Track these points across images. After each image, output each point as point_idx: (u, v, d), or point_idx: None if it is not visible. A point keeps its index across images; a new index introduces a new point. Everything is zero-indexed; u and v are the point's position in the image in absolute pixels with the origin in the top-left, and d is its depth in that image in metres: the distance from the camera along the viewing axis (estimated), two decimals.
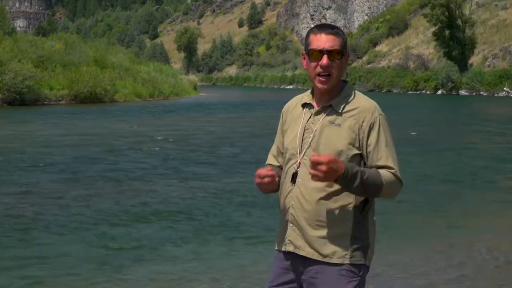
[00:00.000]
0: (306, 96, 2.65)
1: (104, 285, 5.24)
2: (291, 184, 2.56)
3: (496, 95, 48.81)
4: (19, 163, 12.18)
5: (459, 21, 56.55)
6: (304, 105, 2.63)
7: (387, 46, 79.42)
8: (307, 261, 2.53)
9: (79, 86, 34.86)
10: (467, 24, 56.48)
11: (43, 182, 10.11)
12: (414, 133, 18.37)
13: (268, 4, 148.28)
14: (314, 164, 2.33)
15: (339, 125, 2.51)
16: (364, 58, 79.42)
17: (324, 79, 2.50)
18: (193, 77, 78.60)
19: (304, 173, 2.52)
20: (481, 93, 50.26)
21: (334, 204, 2.48)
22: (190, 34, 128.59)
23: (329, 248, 2.49)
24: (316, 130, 2.54)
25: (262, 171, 2.53)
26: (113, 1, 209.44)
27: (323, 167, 2.32)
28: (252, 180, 2.66)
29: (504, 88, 48.79)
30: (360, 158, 2.53)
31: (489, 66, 53.98)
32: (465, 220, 7.81)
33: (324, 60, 2.49)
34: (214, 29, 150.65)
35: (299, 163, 2.54)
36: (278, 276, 2.61)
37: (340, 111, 2.53)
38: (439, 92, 54.29)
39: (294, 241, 2.55)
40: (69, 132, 18.60)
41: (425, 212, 8.24)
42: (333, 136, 2.51)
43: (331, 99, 2.56)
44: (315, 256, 2.51)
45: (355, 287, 2.49)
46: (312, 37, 2.53)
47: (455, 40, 56.02)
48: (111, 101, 37.12)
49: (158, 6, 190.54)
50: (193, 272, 5.58)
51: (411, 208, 8.32)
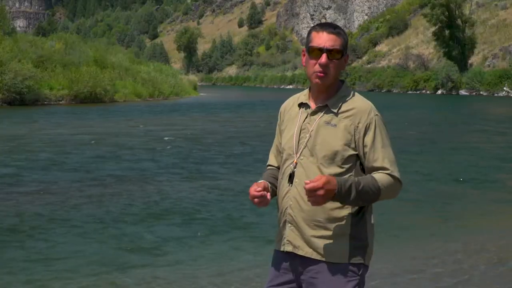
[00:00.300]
0: (303, 96, 2.66)
1: (108, 283, 5.26)
2: (288, 184, 2.56)
3: (496, 95, 48.83)
4: (31, 162, 12.22)
5: (459, 21, 56.59)
6: (301, 105, 2.63)
7: (387, 46, 79.46)
8: (306, 261, 2.53)
9: (79, 86, 34.88)
10: (467, 24, 56.52)
11: (55, 181, 10.15)
12: (414, 133, 18.36)
13: (268, 4, 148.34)
14: (311, 192, 2.34)
15: (335, 125, 2.51)
16: (364, 58, 79.46)
17: (321, 75, 2.51)
18: (193, 77, 78.62)
19: (301, 173, 2.52)
20: (481, 93, 50.28)
21: (332, 204, 2.47)
22: (190, 34, 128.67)
23: (328, 247, 2.49)
24: (312, 130, 2.54)
25: (253, 191, 2.51)
26: (113, 1, 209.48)
27: (321, 192, 2.34)
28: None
29: (504, 88, 48.81)
30: (356, 159, 2.53)
31: (489, 66, 54.00)
32: (467, 219, 7.79)
33: (323, 58, 2.49)
34: (214, 29, 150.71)
35: (296, 163, 2.54)
36: (277, 276, 2.62)
37: (336, 111, 2.53)
38: (439, 92, 54.32)
39: (293, 241, 2.55)
40: (77, 131, 18.63)
41: (426, 212, 8.22)
42: (329, 136, 2.51)
43: (327, 99, 2.57)
44: (314, 256, 2.51)
45: (354, 286, 2.49)
46: (313, 34, 2.54)
47: (455, 40, 56.05)
48: (111, 101, 37.14)
49: (158, 6, 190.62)
50: (199, 271, 5.58)
51: (412, 208, 8.31)
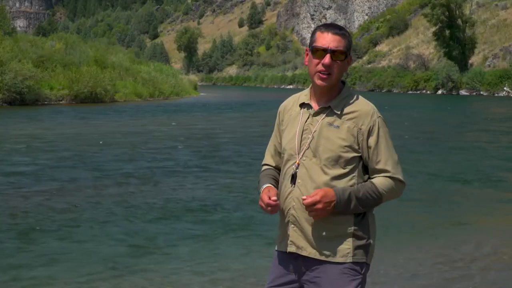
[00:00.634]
0: (304, 96, 2.65)
1: (113, 282, 5.29)
2: (290, 185, 2.56)
3: (496, 95, 48.82)
4: (47, 161, 12.30)
5: (459, 21, 56.58)
6: (302, 105, 2.62)
7: (387, 46, 79.48)
8: (309, 261, 2.54)
9: (79, 86, 34.86)
10: (467, 24, 56.51)
11: (72, 179, 10.24)
12: (415, 133, 18.34)
13: (268, 4, 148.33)
14: (310, 206, 2.40)
15: (338, 127, 2.52)
16: (364, 58, 79.48)
17: (324, 76, 2.50)
18: (193, 77, 78.69)
19: (304, 174, 2.53)
20: (481, 93, 50.28)
21: None
22: (190, 34, 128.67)
23: (331, 247, 2.50)
24: (315, 131, 2.54)
25: (265, 197, 2.53)
26: (113, 1, 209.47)
27: (320, 205, 2.40)
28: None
29: (505, 88, 48.80)
30: (359, 161, 2.54)
31: (489, 66, 54.00)
32: (469, 219, 7.77)
33: (327, 59, 2.49)
34: (214, 29, 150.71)
35: (298, 164, 2.55)
36: (279, 277, 2.62)
37: (339, 112, 2.54)
38: (439, 92, 54.32)
39: (296, 242, 2.56)
40: (85, 131, 18.69)
41: (428, 212, 8.21)
42: (332, 137, 2.51)
43: (329, 100, 2.56)
44: (318, 256, 2.52)
45: (358, 285, 2.51)
46: (318, 34, 2.54)
47: (455, 40, 56.05)
48: (111, 101, 37.11)
49: (158, 6, 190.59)
50: (207, 270, 5.59)
51: (414, 207, 8.30)
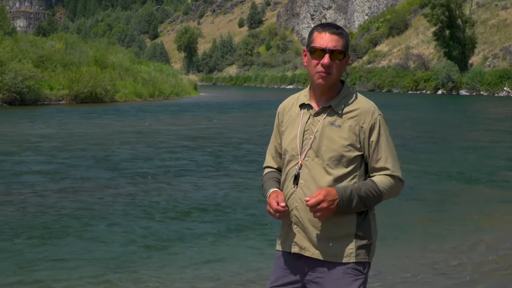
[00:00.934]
0: (303, 96, 2.64)
1: (118, 281, 5.31)
2: (293, 186, 2.55)
3: (496, 95, 48.83)
4: (60, 160, 12.38)
5: (459, 21, 56.59)
6: (302, 106, 2.62)
7: (387, 46, 79.50)
8: (312, 262, 2.54)
9: (79, 86, 34.88)
10: (467, 24, 56.51)
11: (85, 178, 10.30)
12: (416, 133, 18.34)
13: (268, 4, 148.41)
14: (314, 206, 2.40)
15: (340, 126, 2.51)
16: (364, 58, 79.50)
17: (324, 75, 2.50)
18: (193, 77, 78.75)
19: (307, 174, 2.52)
20: (481, 93, 50.28)
21: None
22: (190, 34, 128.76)
23: (334, 248, 2.51)
24: (316, 131, 2.53)
25: (273, 202, 2.52)
26: (113, 1, 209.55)
27: (324, 204, 2.40)
28: None
29: (505, 88, 48.81)
30: (361, 160, 2.54)
31: (489, 66, 54.00)
32: (472, 219, 7.75)
33: (326, 59, 2.49)
34: (214, 29, 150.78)
35: (301, 164, 2.54)
36: (281, 277, 2.62)
37: (340, 112, 2.53)
38: (439, 92, 54.34)
39: (299, 243, 2.56)
40: (93, 130, 18.76)
41: (431, 211, 8.20)
42: (334, 137, 2.51)
43: (330, 100, 2.56)
44: (321, 257, 2.52)
45: (360, 285, 2.52)
46: (316, 34, 2.53)
47: (455, 40, 56.05)
48: (111, 101, 37.12)
49: (158, 6, 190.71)
50: (211, 270, 5.60)
51: (416, 207, 8.31)
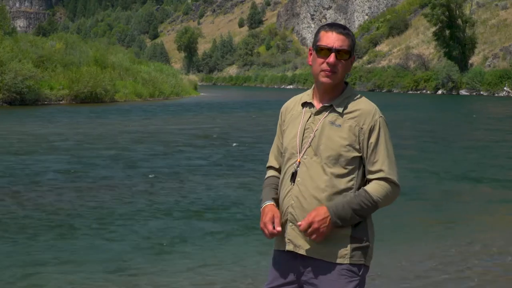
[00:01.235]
0: (306, 96, 2.65)
1: (122, 280, 5.32)
2: (290, 183, 2.55)
3: (496, 95, 48.80)
4: (73, 158, 12.47)
5: (459, 21, 56.55)
6: (304, 104, 2.62)
7: (387, 46, 79.47)
8: (307, 261, 2.53)
9: (79, 86, 34.86)
10: (467, 24, 56.47)
11: (100, 177, 10.42)
12: (417, 133, 18.34)
13: (268, 4, 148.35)
14: (307, 229, 2.44)
15: (340, 125, 2.51)
16: (364, 58, 79.44)
17: (329, 74, 2.51)
18: (193, 77, 78.72)
19: (304, 172, 2.52)
20: (482, 93, 50.25)
21: None
22: (191, 34, 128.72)
23: (329, 247, 2.49)
24: (316, 130, 2.53)
25: (269, 225, 2.53)
26: (114, 1, 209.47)
27: (315, 225, 2.43)
28: None
29: (505, 88, 48.78)
30: (360, 161, 2.53)
31: (489, 66, 53.97)
32: (474, 219, 7.73)
33: (332, 58, 2.50)
34: (215, 29, 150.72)
35: (299, 162, 2.54)
36: (277, 277, 2.61)
37: (341, 111, 2.53)
38: (439, 92, 54.31)
39: (293, 240, 2.55)
40: (101, 130, 18.78)
41: (432, 210, 8.18)
42: (333, 136, 2.51)
43: (332, 99, 2.56)
44: (315, 255, 2.51)
45: (355, 287, 2.50)
46: (322, 33, 2.54)
47: (455, 40, 56.01)
48: (111, 101, 37.10)
49: (159, 6, 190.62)
50: (223, 269, 5.62)
51: (418, 207, 8.30)
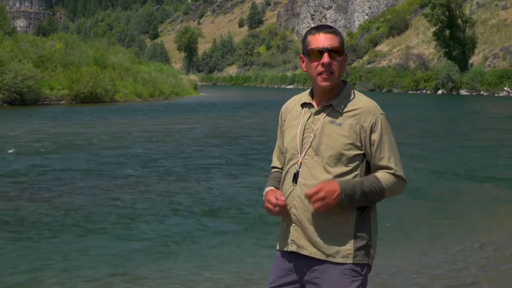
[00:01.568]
0: (305, 96, 2.64)
1: (126, 279, 5.32)
2: (292, 184, 2.55)
3: (496, 95, 48.80)
4: (81, 157, 12.56)
5: (459, 21, 56.54)
6: (304, 105, 2.62)
7: (387, 46, 79.47)
8: (310, 261, 2.53)
9: (79, 86, 34.89)
10: (467, 24, 56.47)
11: (112, 177, 10.44)
12: (418, 132, 18.34)
13: (268, 4, 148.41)
14: (312, 197, 2.40)
15: (340, 124, 2.51)
16: (364, 58, 79.46)
17: (326, 76, 2.50)
18: (193, 77, 78.78)
19: (306, 172, 2.51)
20: (482, 93, 50.24)
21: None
22: (191, 34, 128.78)
23: (332, 247, 2.49)
24: (316, 130, 2.53)
25: (272, 198, 2.52)
26: (114, 1, 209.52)
27: (322, 194, 2.39)
28: None
29: (505, 88, 48.77)
30: (362, 158, 2.52)
31: (489, 66, 53.97)
32: (475, 218, 7.72)
33: (325, 58, 2.49)
34: (215, 29, 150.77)
35: (301, 162, 2.53)
36: (280, 277, 2.60)
37: (340, 110, 2.53)
38: (440, 92, 54.31)
39: (297, 241, 2.55)
40: (109, 130, 18.84)
41: (434, 210, 8.18)
42: (334, 135, 2.50)
43: (331, 99, 2.56)
44: (318, 256, 2.50)
45: (358, 286, 2.49)
46: (310, 38, 2.54)
47: (455, 40, 56.01)
48: (112, 101, 37.12)
49: (159, 6, 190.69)
50: (226, 269, 5.61)
51: (420, 206, 8.29)
